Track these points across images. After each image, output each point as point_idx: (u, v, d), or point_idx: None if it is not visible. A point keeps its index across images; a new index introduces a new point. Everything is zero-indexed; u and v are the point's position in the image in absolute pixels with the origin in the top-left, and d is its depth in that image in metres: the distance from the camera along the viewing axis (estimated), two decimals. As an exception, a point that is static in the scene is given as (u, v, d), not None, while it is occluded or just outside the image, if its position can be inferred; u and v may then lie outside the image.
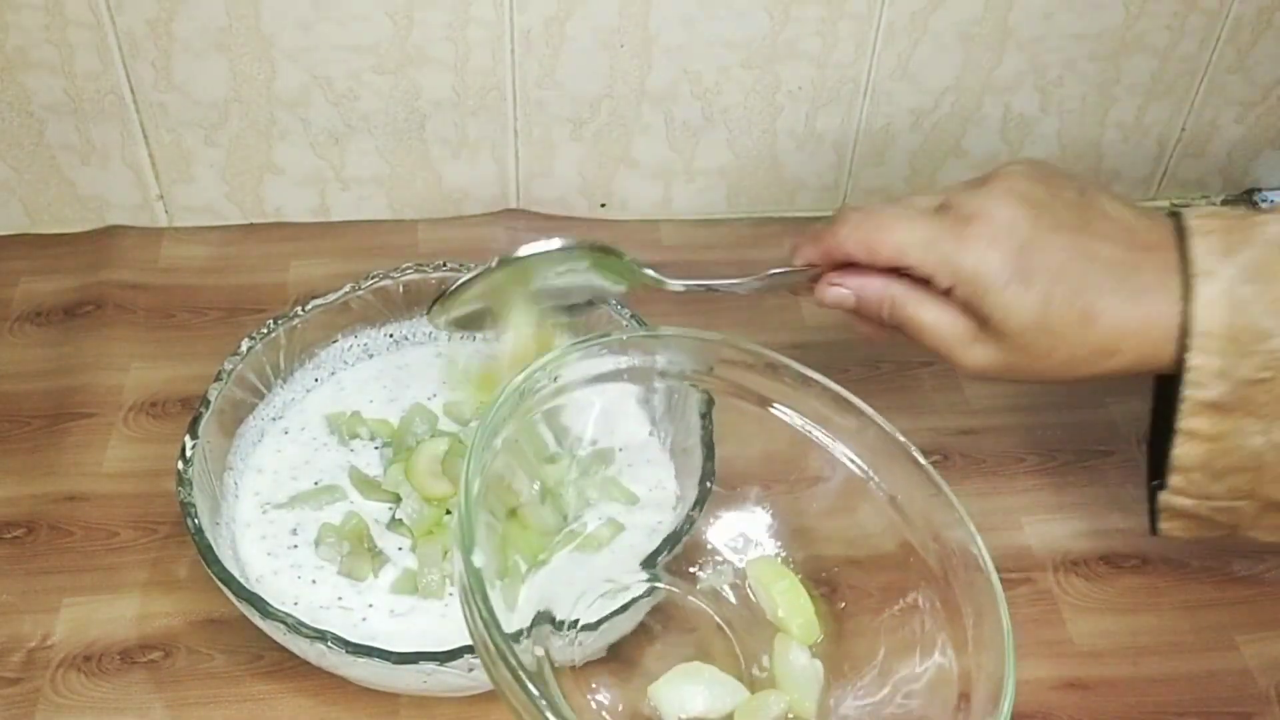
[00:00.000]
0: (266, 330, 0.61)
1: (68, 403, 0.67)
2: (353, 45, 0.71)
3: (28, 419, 0.66)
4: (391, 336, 0.67)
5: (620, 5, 0.70)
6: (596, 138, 0.77)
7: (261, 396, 0.62)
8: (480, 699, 0.54)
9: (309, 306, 0.63)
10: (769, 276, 0.56)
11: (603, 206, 0.80)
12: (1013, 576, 0.61)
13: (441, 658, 0.48)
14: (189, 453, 0.55)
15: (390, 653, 0.49)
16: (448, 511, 0.58)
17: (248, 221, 0.79)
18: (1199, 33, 0.75)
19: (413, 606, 0.55)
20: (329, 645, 0.48)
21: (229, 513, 0.58)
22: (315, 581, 0.56)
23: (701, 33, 0.72)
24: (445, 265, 0.65)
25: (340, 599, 0.55)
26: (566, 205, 0.80)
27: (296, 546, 0.57)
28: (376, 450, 0.62)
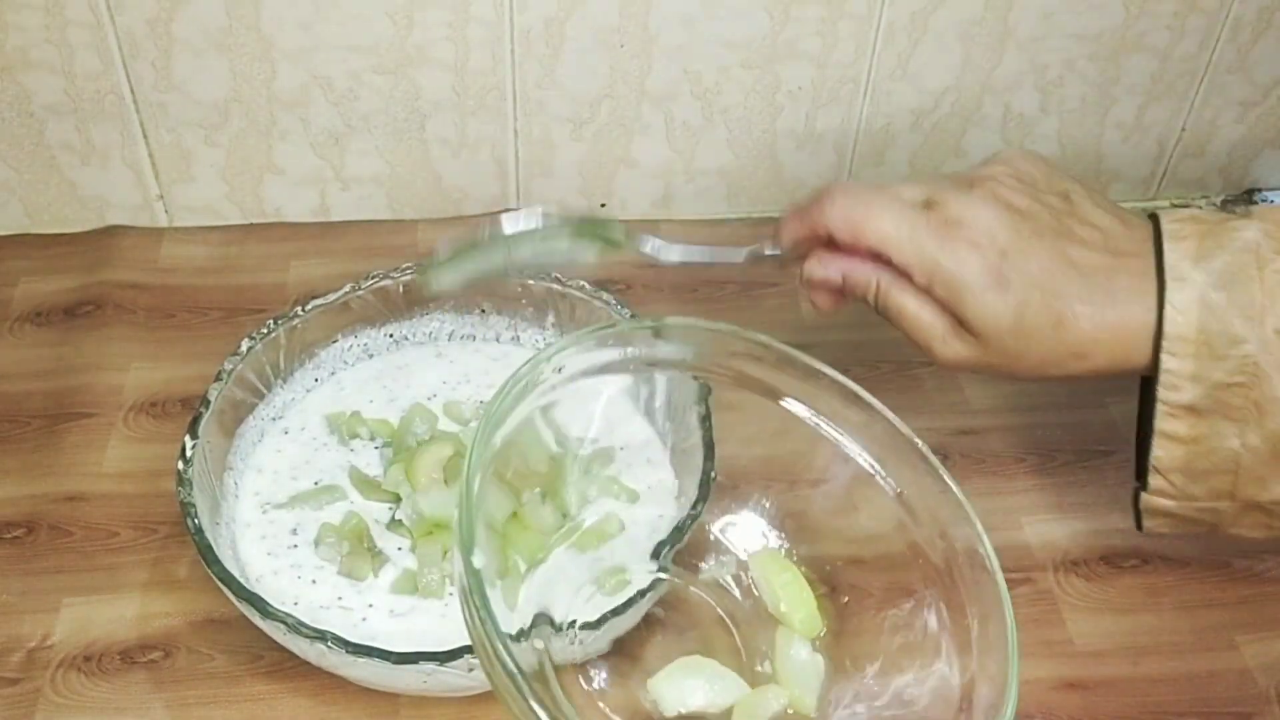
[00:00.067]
0: (266, 330, 0.61)
1: (68, 403, 0.67)
2: (353, 45, 0.71)
3: (28, 419, 0.66)
4: (391, 336, 0.67)
5: (620, 5, 0.70)
6: (596, 137, 0.77)
7: (261, 396, 0.62)
8: (480, 699, 0.54)
9: (309, 306, 0.63)
10: (761, 255, 0.56)
11: (603, 206, 0.80)
12: (1013, 576, 0.60)
13: (441, 658, 0.48)
14: (189, 453, 0.55)
15: (390, 653, 0.48)
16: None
17: (248, 221, 0.79)
18: (1199, 33, 0.75)
19: (413, 606, 0.55)
20: (329, 645, 0.48)
21: (229, 513, 0.58)
22: (315, 581, 0.56)
23: (701, 33, 0.72)
24: (445, 265, 0.65)
25: (340, 599, 0.55)
26: (566, 205, 0.80)
27: (296, 546, 0.57)
28: (376, 450, 0.62)
